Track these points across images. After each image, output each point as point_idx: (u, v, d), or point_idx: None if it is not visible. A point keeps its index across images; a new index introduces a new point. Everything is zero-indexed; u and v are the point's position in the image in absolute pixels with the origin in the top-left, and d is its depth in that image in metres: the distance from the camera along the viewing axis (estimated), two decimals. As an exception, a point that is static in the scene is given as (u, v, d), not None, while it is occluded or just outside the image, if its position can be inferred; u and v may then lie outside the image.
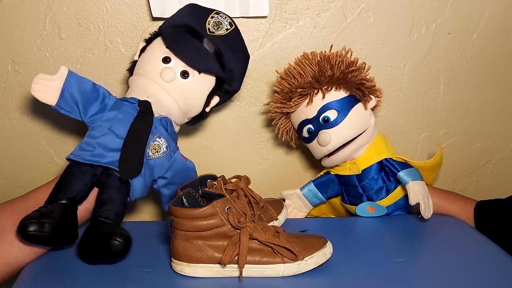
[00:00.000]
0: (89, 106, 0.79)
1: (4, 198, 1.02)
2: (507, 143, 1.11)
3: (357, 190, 0.90)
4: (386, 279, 0.68)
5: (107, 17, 0.96)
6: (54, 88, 0.77)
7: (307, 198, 0.96)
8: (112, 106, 0.80)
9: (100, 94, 0.80)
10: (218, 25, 0.84)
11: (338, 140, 0.86)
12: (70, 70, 0.78)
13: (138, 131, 0.78)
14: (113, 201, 0.76)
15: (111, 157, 0.76)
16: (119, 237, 0.69)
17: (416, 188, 0.84)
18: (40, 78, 0.77)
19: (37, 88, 0.77)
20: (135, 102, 0.80)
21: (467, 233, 0.84)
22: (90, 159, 0.76)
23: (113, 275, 0.69)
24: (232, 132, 1.05)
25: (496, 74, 1.06)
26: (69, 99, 0.78)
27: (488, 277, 0.69)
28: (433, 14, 1.01)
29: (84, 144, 0.78)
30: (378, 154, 0.89)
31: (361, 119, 0.87)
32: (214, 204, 0.67)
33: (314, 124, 0.87)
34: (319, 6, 0.99)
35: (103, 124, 0.78)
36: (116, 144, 0.76)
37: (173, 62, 0.81)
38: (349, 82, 0.85)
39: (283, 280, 0.68)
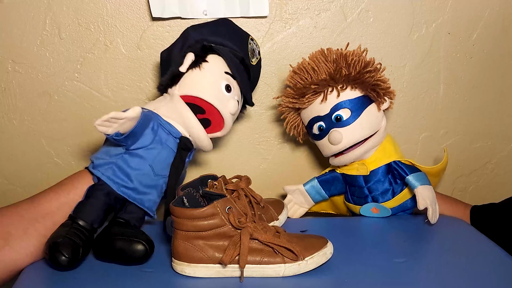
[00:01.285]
0: (140, 138, 0.76)
1: (4, 198, 1.02)
2: (507, 143, 1.11)
3: (363, 191, 0.90)
4: (387, 279, 0.68)
5: (107, 17, 0.96)
6: (120, 125, 0.70)
7: (309, 194, 0.95)
8: (156, 138, 0.77)
9: (149, 125, 0.76)
10: (252, 52, 0.85)
11: (350, 139, 0.86)
12: (142, 111, 0.73)
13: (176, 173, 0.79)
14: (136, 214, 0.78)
15: (143, 194, 0.77)
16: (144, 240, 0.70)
17: (425, 193, 0.84)
18: (111, 117, 0.68)
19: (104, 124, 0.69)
20: (177, 137, 0.80)
21: (467, 233, 0.84)
22: (123, 191, 0.76)
23: (114, 275, 0.69)
24: (232, 132, 1.05)
25: (496, 74, 1.06)
26: (129, 136, 0.73)
27: (488, 277, 0.69)
28: (433, 14, 1.01)
29: (118, 170, 0.75)
30: (387, 156, 0.89)
31: (374, 120, 0.87)
32: (214, 204, 0.67)
33: (326, 121, 0.87)
34: (319, 6, 0.99)
35: (145, 157, 0.76)
36: (151, 181, 0.78)
37: (233, 91, 0.82)
38: (365, 82, 0.85)
39: (284, 280, 0.68)
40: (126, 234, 0.72)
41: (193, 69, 0.80)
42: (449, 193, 1.12)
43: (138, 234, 0.72)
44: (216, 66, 0.81)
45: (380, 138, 0.88)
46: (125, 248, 0.70)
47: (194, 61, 0.80)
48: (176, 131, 0.80)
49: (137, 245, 0.70)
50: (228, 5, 0.94)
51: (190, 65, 0.80)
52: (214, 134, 0.84)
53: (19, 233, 0.71)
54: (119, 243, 0.71)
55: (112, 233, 0.72)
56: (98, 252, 0.73)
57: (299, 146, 1.06)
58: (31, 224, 0.72)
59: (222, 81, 0.81)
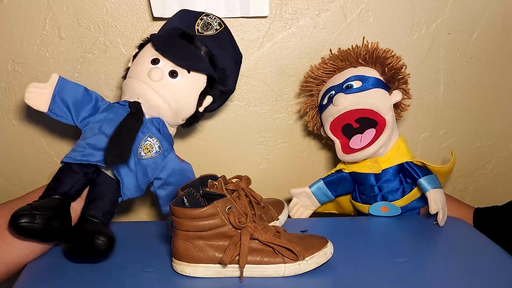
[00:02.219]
0: (81, 110, 0.81)
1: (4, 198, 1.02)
2: (507, 143, 1.11)
3: (373, 189, 0.90)
4: (387, 279, 0.68)
5: (107, 17, 0.96)
6: (46, 95, 0.80)
7: (316, 196, 0.95)
8: (104, 109, 0.82)
9: (92, 98, 0.83)
10: (207, 25, 0.85)
11: (351, 103, 0.87)
12: (61, 76, 0.81)
13: (127, 125, 0.78)
14: (102, 200, 0.76)
15: (100, 155, 0.76)
16: (103, 236, 0.70)
17: (437, 196, 0.84)
18: (32, 87, 0.79)
19: (30, 97, 0.79)
20: (125, 104, 0.81)
21: (468, 233, 0.84)
22: (80, 158, 0.76)
23: (114, 275, 0.69)
24: (232, 132, 1.05)
25: (496, 74, 1.06)
26: (60, 104, 0.80)
27: (488, 277, 0.69)
28: (433, 14, 1.01)
29: (76, 146, 0.79)
30: (400, 156, 0.89)
31: (380, 101, 0.87)
32: (215, 204, 0.67)
33: (337, 89, 0.89)
34: (319, 6, 0.99)
35: (94, 126, 0.80)
36: (105, 143, 0.77)
37: (162, 63, 0.82)
38: (385, 64, 0.87)
39: (284, 280, 0.68)
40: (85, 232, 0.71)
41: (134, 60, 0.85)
42: (449, 193, 1.12)
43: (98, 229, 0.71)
44: (147, 48, 0.84)
45: (390, 134, 0.88)
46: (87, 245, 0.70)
47: (135, 53, 0.86)
48: (125, 101, 0.82)
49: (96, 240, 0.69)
50: (228, 5, 0.94)
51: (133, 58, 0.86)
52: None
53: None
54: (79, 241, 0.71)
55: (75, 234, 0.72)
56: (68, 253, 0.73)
57: (299, 146, 1.06)
58: None
59: (150, 57, 0.83)
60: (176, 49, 0.82)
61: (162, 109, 0.82)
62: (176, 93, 0.82)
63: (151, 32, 0.96)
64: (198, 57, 0.83)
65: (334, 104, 0.88)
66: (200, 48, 0.83)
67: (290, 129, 1.05)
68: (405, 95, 0.90)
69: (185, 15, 0.87)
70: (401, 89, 0.90)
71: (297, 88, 1.03)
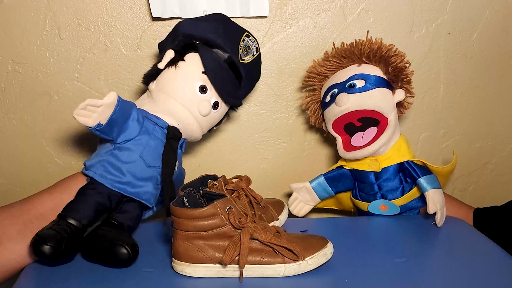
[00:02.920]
0: (125, 131, 0.75)
1: (4, 198, 1.02)
2: (507, 143, 1.11)
3: (373, 188, 0.90)
4: (387, 279, 0.68)
5: (107, 17, 0.96)
6: (98, 113, 0.71)
7: (316, 192, 0.95)
8: (143, 129, 0.77)
9: (131, 114, 0.76)
10: (247, 50, 0.83)
11: (354, 104, 0.86)
12: (119, 97, 0.74)
13: (169, 163, 0.78)
14: (131, 214, 0.77)
15: (139, 187, 0.77)
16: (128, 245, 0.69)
17: (436, 197, 0.84)
18: (88, 104, 0.71)
19: (83, 113, 0.71)
20: (164, 127, 0.79)
21: (468, 233, 0.84)
22: (118, 186, 0.75)
23: (114, 275, 0.69)
24: (232, 132, 1.05)
25: (496, 74, 1.06)
26: (112, 125, 0.74)
27: (488, 277, 0.68)
28: (433, 14, 1.01)
29: (109, 166, 0.75)
30: (401, 155, 0.89)
31: (384, 100, 0.87)
32: (215, 204, 0.67)
33: (339, 87, 0.89)
34: (319, 6, 0.99)
35: (133, 149, 0.76)
36: (145, 173, 0.77)
37: (208, 92, 0.81)
38: (389, 63, 0.87)
39: (284, 280, 0.68)
40: (111, 237, 0.71)
41: (170, 67, 0.80)
42: (449, 193, 1.12)
43: (123, 238, 0.71)
44: (192, 65, 0.80)
45: (392, 133, 0.88)
46: (109, 251, 0.69)
47: (173, 59, 0.80)
48: (163, 122, 0.80)
49: (121, 248, 0.68)
50: (228, 5, 0.94)
51: (169, 62, 0.80)
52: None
53: (13, 234, 0.71)
54: (104, 245, 0.70)
55: (98, 235, 0.71)
56: (85, 252, 0.72)
57: (299, 146, 1.06)
58: (25, 225, 0.72)
59: (197, 81, 0.80)
60: (224, 82, 0.82)
61: (197, 137, 0.84)
62: (212, 123, 0.85)
63: (151, 32, 0.97)
64: (238, 91, 0.85)
65: (337, 104, 0.88)
66: (239, 77, 0.83)
67: (290, 129, 1.05)
68: (408, 93, 0.90)
69: (229, 30, 0.83)
70: (405, 88, 0.89)
71: (297, 88, 1.03)
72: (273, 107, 1.04)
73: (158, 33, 0.97)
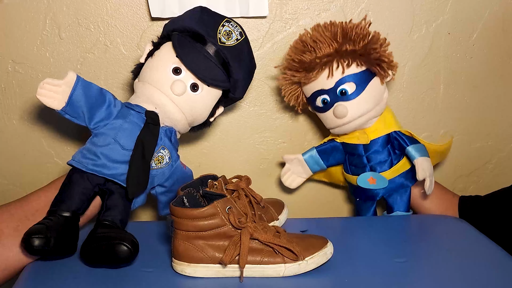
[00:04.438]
0: (95, 112, 0.77)
1: (4, 198, 1.02)
2: (507, 143, 1.11)
3: (362, 160, 0.91)
4: (387, 279, 0.68)
5: (107, 17, 0.96)
6: (61, 94, 0.75)
7: (308, 164, 0.96)
8: (118, 114, 0.79)
9: (106, 100, 0.78)
10: (228, 34, 0.82)
11: (355, 113, 0.86)
12: (78, 75, 0.76)
13: (144, 144, 0.77)
14: (118, 208, 0.76)
15: (114, 168, 0.76)
16: (127, 242, 0.69)
17: (425, 164, 0.85)
18: (46, 83, 0.75)
19: (43, 93, 0.75)
20: (142, 112, 0.79)
21: (467, 233, 0.84)
22: (92, 168, 0.75)
23: (113, 275, 0.69)
24: (232, 132, 1.05)
25: (496, 74, 1.06)
26: (75, 105, 0.76)
27: (488, 277, 0.69)
28: (433, 14, 1.01)
29: (86, 151, 0.77)
30: (387, 126, 0.90)
31: (377, 93, 0.88)
32: (215, 204, 0.67)
33: (331, 95, 0.87)
34: (319, 6, 0.99)
35: (108, 133, 0.77)
36: (120, 155, 0.76)
37: (184, 74, 0.80)
38: (370, 57, 0.85)
39: (284, 280, 0.68)
40: (109, 237, 0.70)
41: (149, 59, 0.83)
42: (449, 193, 1.12)
43: (121, 235, 0.71)
44: (166, 51, 0.81)
45: (381, 108, 0.89)
46: (110, 251, 0.69)
47: (151, 51, 0.83)
48: (141, 107, 0.80)
49: (121, 246, 0.68)
50: (228, 5, 0.94)
51: (148, 55, 0.83)
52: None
53: (10, 231, 0.72)
54: (103, 246, 0.69)
55: (96, 237, 0.71)
56: (86, 257, 0.72)
57: (299, 146, 1.06)
58: (21, 221, 0.73)
59: (171, 64, 0.80)
60: (200, 62, 0.80)
61: (180, 121, 0.82)
62: (195, 106, 0.82)
63: (151, 32, 0.97)
64: (220, 72, 0.81)
65: (337, 116, 0.87)
66: (220, 59, 0.81)
67: (290, 129, 1.05)
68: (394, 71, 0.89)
69: (205, 17, 0.83)
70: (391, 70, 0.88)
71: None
72: (273, 107, 1.04)
73: (158, 33, 0.96)
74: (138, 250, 0.70)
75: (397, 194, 0.92)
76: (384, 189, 0.92)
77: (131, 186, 0.75)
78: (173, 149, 0.82)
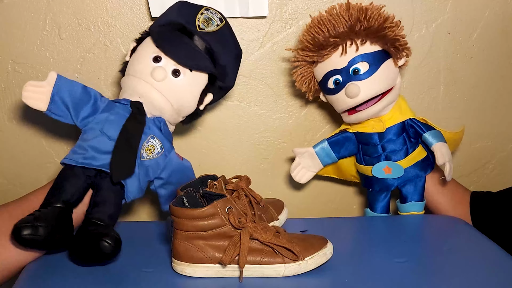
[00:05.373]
0: (81, 109, 0.79)
1: (4, 198, 1.02)
2: (507, 143, 1.11)
3: (377, 149, 0.90)
4: (387, 279, 0.68)
5: (107, 17, 0.96)
6: (44, 94, 0.77)
7: (319, 157, 0.94)
8: (104, 108, 0.80)
9: (91, 96, 0.80)
10: (208, 21, 0.83)
11: (367, 93, 0.85)
12: (59, 75, 0.78)
13: (129, 131, 0.77)
14: (107, 203, 0.76)
15: (103, 159, 0.75)
16: (109, 239, 0.69)
17: (443, 149, 0.84)
18: (29, 85, 0.77)
19: (28, 96, 0.77)
20: (127, 103, 0.80)
21: (468, 233, 0.84)
22: (82, 161, 0.75)
23: (114, 275, 0.69)
24: (232, 132, 1.05)
25: (496, 74, 1.06)
26: (59, 104, 0.78)
27: (488, 277, 0.69)
28: (433, 14, 1.01)
29: (77, 148, 0.78)
30: (403, 114, 0.89)
31: (390, 75, 0.87)
32: (214, 204, 0.67)
33: (343, 75, 0.86)
34: (319, 6, 0.99)
35: (95, 127, 0.78)
36: (108, 146, 0.76)
37: (164, 61, 0.81)
38: (385, 37, 0.85)
39: (284, 280, 0.68)
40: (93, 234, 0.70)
41: (132, 55, 0.84)
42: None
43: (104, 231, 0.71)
44: (147, 44, 0.83)
45: (396, 94, 0.88)
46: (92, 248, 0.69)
47: (134, 47, 0.85)
48: (126, 100, 0.81)
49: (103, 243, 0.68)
50: (228, 5, 0.94)
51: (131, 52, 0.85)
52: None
53: (9, 230, 0.71)
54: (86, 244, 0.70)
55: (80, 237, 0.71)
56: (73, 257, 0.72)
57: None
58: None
59: (151, 54, 0.82)
60: (178, 47, 0.81)
61: (165, 109, 0.81)
62: (178, 92, 0.82)
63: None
64: (201, 56, 0.81)
65: (349, 96, 0.86)
66: (201, 45, 0.82)
67: (290, 129, 1.05)
68: (408, 55, 0.89)
69: (184, 8, 0.84)
70: (405, 53, 0.88)
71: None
72: (273, 107, 1.04)
73: (158, 33, 0.97)
74: (120, 245, 0.70)
75: (411, 184, 0.91)
76: (399, 179, 0.90)
77: (114, 170, 0.74)
78: (164, 139, 0.82)
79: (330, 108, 1.05)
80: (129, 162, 0.76)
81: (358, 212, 1.12)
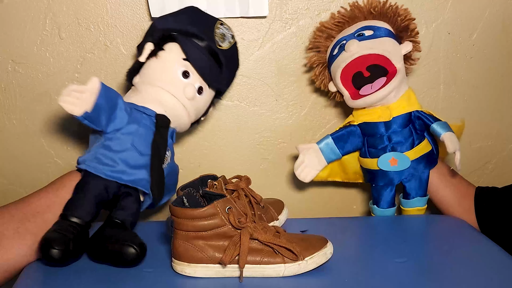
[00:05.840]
0: (114, 118, 0.76)
1: (4, 198, 1.02)
2: (507, 143, 1.11)
3: (383, 140, 0.89)
4: (387, 279, 0.68)
5: (107, 17, 0.96)
6: (84, 100, 0.72)
7: (323, 153, 0.93)
8: (131, 119, 0.78)
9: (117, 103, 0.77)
10: (223, 37, 0.85)
11: (363, 48, 0.87)
12: (102, 82, 0.75)
13: (159, 150, 0.78)
14: (131, 210, 0.77)
15: (133, 175, 0.76)
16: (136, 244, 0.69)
17: (453, 137, 0.85)
18: (73, 90, 0.72)
19: (68, 101, 0.72)
20: (152, 115, 0.80)
21: (468, 233, 0.84)
22: (111, 175, 0.74)
23: (114, 275, 0.69)
24: (232, 132, 1.05)
25: (496, 74, 1.06)
26: (98, 112, 0.74)
27: (488, 277, 0.69)
28: (433, 14, 1.01)
29: (102, 157, 0.75)
30: (410, 105, 0.89)
31: (392, 48, 0.88)
32: (214, 204, 0.67)
33: (348, 38, 0.89)
34: (319, 6, 0.99)
35: (124, 138, 0.76)
36: (139, 161, 0.76)
37: (192, 78, 0.82)
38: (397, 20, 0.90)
39: (284, 280, 0.68)
40: (118, 237, 0.71)
41: (151, 58, 0.82)
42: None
43: (131, 237, 0.71)
44: (172, 53, 0.82)
45: (401, 79, 0.87)
46: (117, 252, 0.69)
47: (153, 50, 0.82)
48: (150, 110, 0.80)
49: (129, 248, 0.69)
50: (228, 5, 0.94)
51: (150, 54, 0.82)
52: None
53: (10, 232, 0.71)
54: (111, 246, 0.70)
55: (105, 236, 0.72)
56: (92, 253, 0.72)
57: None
58: (21, 223, 0.72)
59: (179, 67, 0.81)
60: (206, 66, 0.83)
61: (185, 123, 0.84)
62: (200, 108, 0.85)
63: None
64: (220, 74, 0.85)
65: (347, 50, 0.87)
66: (218, 63, 0.84)
67: (290, 129, 1.05)
68: (415, 47, 0.91)
69: (198, 20, 0.84)
70: (412, 41, 0.90)
71: (297, 88, 1.03)
72: (273, 107, 1.04)
73: (158, 33, 0.97)
74: (145, 253, 0.71)
75: (415, 178, 0.91)
76: (403, 173, 0.90)
77: (156, 193, 0.77)
78: (172, 148, 0.84)
79: (330, 108, 1.05)
80: (163, 183, 0.79)
81: (358, 212, 1.12)
